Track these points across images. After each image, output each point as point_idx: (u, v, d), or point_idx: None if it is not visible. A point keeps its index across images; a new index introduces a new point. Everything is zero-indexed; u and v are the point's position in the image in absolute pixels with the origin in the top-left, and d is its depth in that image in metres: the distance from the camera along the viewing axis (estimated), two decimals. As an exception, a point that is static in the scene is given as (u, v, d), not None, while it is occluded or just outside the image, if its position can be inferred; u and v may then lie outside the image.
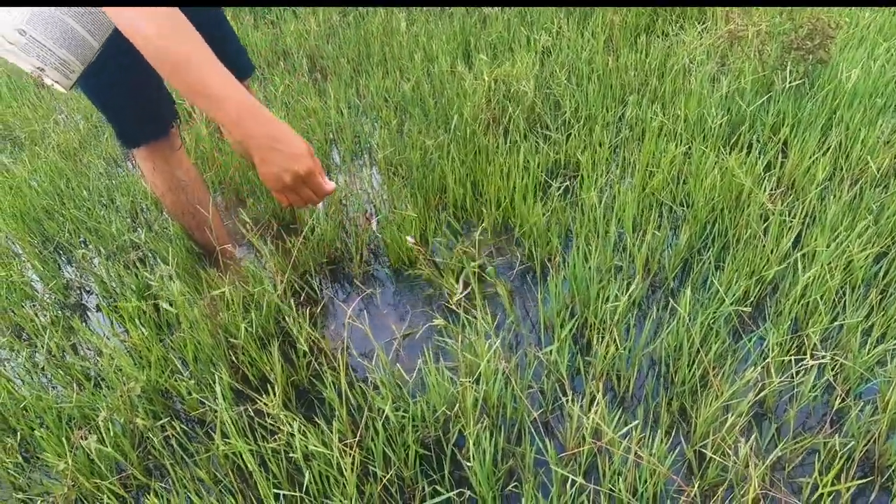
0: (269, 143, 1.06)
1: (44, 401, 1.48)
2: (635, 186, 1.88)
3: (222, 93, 1.03)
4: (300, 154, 1.09)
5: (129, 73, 1.52)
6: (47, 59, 1.14)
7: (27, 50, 1.11)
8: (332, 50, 3.01)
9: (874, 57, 2.19)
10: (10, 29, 1.08)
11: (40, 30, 1.11)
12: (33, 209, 2.21)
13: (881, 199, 1.73)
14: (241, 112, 1.04)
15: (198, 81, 1.03)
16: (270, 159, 1.07)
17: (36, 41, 1.11)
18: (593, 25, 2.76)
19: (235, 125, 1.05)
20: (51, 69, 1.16)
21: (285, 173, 1.08)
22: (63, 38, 1.15)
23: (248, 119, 1.05)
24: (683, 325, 1.43)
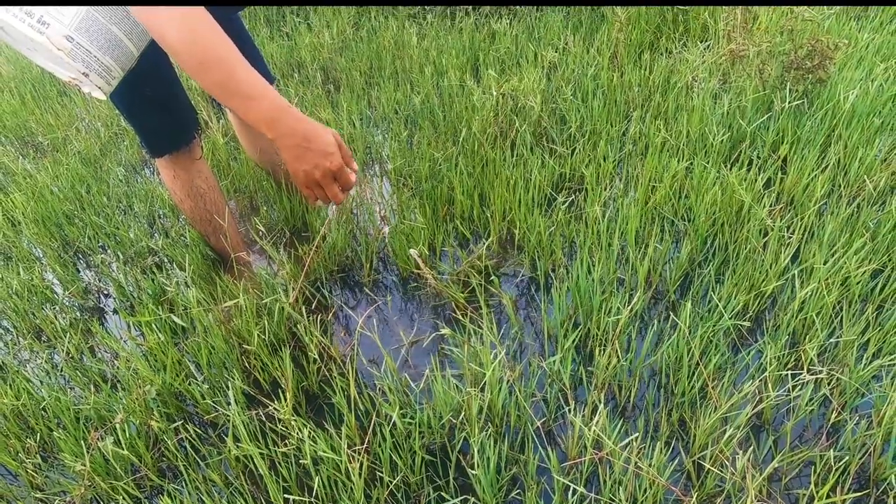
0: (301, 142, 1.10)
1: (62, 402, 1.49)
2: (638, 200, 1.88)
3: (255, 92, 1.06)
4: (331, 151, 1.12)
5: (156, 85, 1.54)
6: (91, 65, 1.16)
7: (74, 56, 1.12)
8: (345, 62, 3.02)
9: (872, 77, 2.19)
10: (58, 36, 1.09)
11: (86, 36, 1.12)
12: (54, 214, 2.23)
13: (878, 217, 1.73)
14: (274, 112, 1.07)
15: (231, 82, 1.05)
16: (303, 157, 1.11)
17: (82, 47, 1.12)
18: (599, 42, 2.77)
19: (269, 125, 1.07)
20: (94, 75, 1.17)
21: (316, 170, 1.12)
22: (107, 44, 1.16)
23: (281, 118, 1.08)
24: (683, 337, 1.43)
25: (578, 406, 1.41)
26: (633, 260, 1.70)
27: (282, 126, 1.08)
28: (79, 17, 1.10)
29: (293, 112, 1.10)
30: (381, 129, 2.60)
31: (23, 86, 3.30)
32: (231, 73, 1.05)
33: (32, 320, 1.86)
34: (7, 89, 3.28)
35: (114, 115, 2.92)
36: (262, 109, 1.06)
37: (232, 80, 1.05)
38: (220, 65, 1.04)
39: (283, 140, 1.09)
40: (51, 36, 1.10)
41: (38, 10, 1.08)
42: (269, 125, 1.08)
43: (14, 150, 2.78)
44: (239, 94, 1.06)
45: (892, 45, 2.43)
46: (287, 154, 1.11)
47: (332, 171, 1.13)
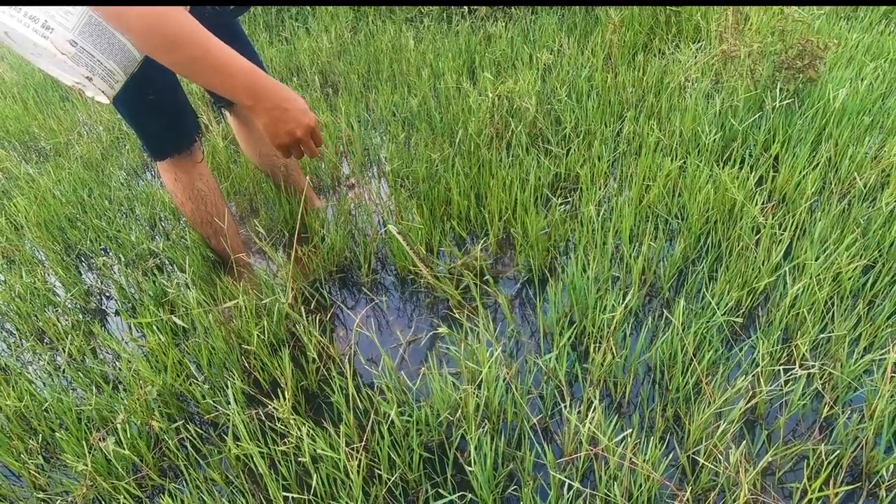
0: (280, 104, 1.16)
1: (64, 403, 1.48)
2: (632, 199, 1.88)
3: (231, 64, 1.10)
4: (306, 109, 1.21)
5: (158, 89, 1.54)
6: (95, 69, 1.15)
7: (77, 60, 1.12)
8: (343, 66, 3.01)
9: (861, 76, 2.18)
10: (62, 40, 1.09)
11: (90, 41, 1.12)
12: (57, 218, 2.22)
13: (868, 213, 1.72)
14: (252, 80, 1.12)
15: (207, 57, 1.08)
16: (283, 118, 1.17)
17: (85, 51, 1.12)
18: (593, 44, 2.76)
19: (248, 93, 1.13)
20: (98, 79, 1.17)
21: (297, 128, 1.19)
22: (110, 48, 1.15)
23: (259, 85, 1.13)
24: (677, 334, 1.42)
25: (574, 402, 1.40)
26: (627, 258, 1.69)
27: (261, 92, 1.13)
28: (82, 22, 1.10)
29: (268, 79, 1.15)
30: (378, 132, 2.59)
31: (26, 91, 3.30)
32: (205, 48, 1.07)
33: (35, 322, 1.85)
34: (10, 95, 3.27)
35: (115, 120, 2.91)
36: (240, 80, 1.11)
37: (208, 54, 1.07)
38: (192, 41, 1.06)
39: (263, 104, 1.15)
40: (55, 40, 1.09)
41: (42, 15, 1.08)
42: (248, 94, 1.12)
43: (17, 154, 2.77)
44: (214, 69, 1.09)
45: (881, 44, 2.42)
46: (267, 118, 1.17)
47: (310, 126, 1.20)
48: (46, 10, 1.09)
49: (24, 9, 1.08)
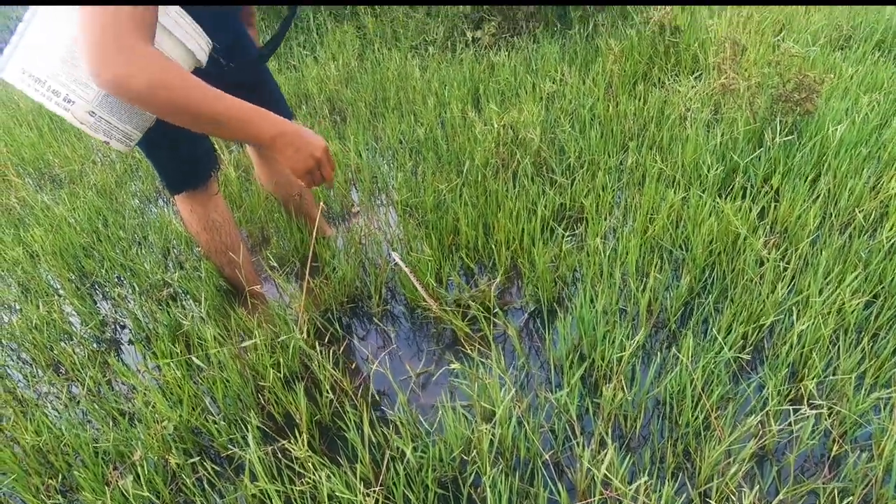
0: (296, 140, 1.21)
1: (81, 438, 1.46)
2: (637, 231, 1.86)
3: (242, 116, 1.13)
4: (318, 140, 1.25)
5: (175, 129, 1.53)
6: (112, 134, 1.20)
7: (96, 128, 1.17)
8: (350, 94, 3.01)
9: (857, 109, 2.18)
10: (82, 112, 1.13)
11: (107, 110, 1.16)
12: (72, 246, 2.20)
13: (870, 246, 1.71)
14: (266, 123, 1.16)
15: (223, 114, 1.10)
16: (302, 149, 1.22)
17: (103, 119, 1.16)
18: (594, 73, 2.76)
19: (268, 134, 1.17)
20: (115, 141, 1.23)
21: (316, 150, 1.24)
22: (127, 115, 1.20)
23: (275, 126, 1.17)
24: (686, 369, 1.41)
25: (585, 437, 1.39)
26: (634, 291, 1.68)
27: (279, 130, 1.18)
28: (101, 94, 1.14)
29: (278, 119, 1.18)
30: (386, 160, 2.58)
31: (41, 118, 3.29)
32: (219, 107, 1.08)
33: (50, 353, 1.83)
34: (25, 122, 3.27)
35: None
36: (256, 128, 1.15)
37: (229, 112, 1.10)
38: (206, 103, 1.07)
39: (283, 140, 1.19)
40: (75, 112, 1.14)
41: (63, 90, 1.11)
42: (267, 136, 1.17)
43: (32, 181, 2.76)
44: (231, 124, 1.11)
45: (874, 75, 2.43)
46: (287, 153, 1.21)
47: (326, 149, 1.26)
48: (67, 84, 1.12)
49: (48, 83, 1.12)
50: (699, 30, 2.81)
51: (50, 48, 1.11)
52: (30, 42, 1.12)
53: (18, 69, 1.12)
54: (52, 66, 1.11)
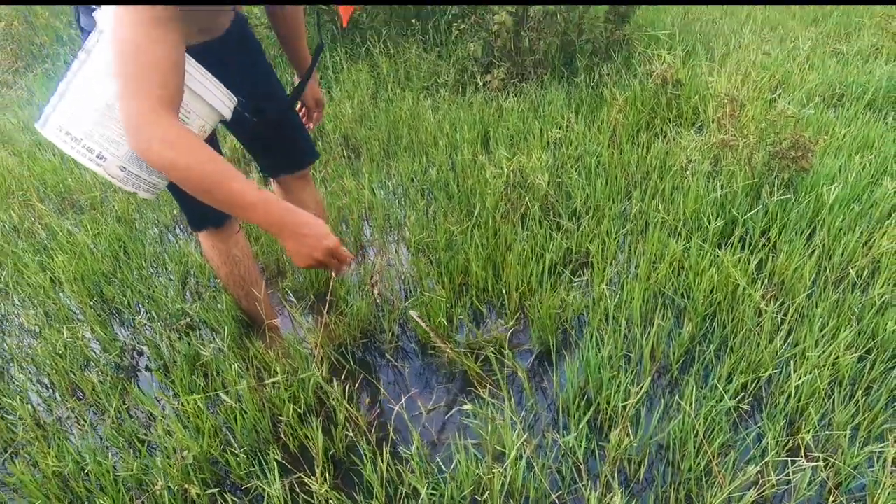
0: (299, 230, 1.18)
1: (102, 465, 1.48)
2: (641, 278, 1.92)
3: (249, 202, 1.14)
4: (326, 233, 1.22)
5: None
6: (140, 185, 1.27)
7: (126, 181, 1.24)
8: (364, 132, 3.09)
9: (850, 167, 2.26)
10: (114, 167, 1.20)
11: (136, 165, 1.23)
12: (93, 273, 2.24)
13: (862, 302, 1.77)
14: (270, 212, 1.16)
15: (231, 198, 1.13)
16: (303, 241, 1.19)
17: (133, 174, 1.23)
18: (599, 121, 2.85)
19: (269, 224, 1.17)
20: (143, 192, 1.29)
21: (316, 251, 1.20)
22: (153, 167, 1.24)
23: (277, 217, 1.17)
24: (688, 417, 1.45)
25: (591, 479, 1.42)
26: (638, 337, 1.73)
27: (282, 223, 1.17)
28: (131, 151, 1.21)
29: (286, 208, 1.18)
30: (398, 198, 2.65)
31: (62, 144, 3.35)
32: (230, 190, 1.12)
33: (70, 379, 1.86)
34: (48, 148, 3.33)
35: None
36: (261, 214, 1.15)
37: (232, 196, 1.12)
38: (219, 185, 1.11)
39: (284, 233, 1.18)
40: (107, 168, 1.22)
41: (97, 147, 1.19)
42: (270, 225, 1.17)
43: (54, 207, 2.81)
44: (239, 206, 1.13)
45: (866, 134, 2.51)
46: (290, 243, 1.20)
47: (330, 248, 1.21)
48: (100, 143, 1.19)
49: (83, 141, 1.19)
50: (700, 84, 2.91)
51: (86, 109, 1.20)
52: (68, 103, 1.21)
53: (56, 127, 1.20)
54: (87, 125, 1.19)
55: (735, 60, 3.27)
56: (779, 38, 3.75)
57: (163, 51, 1.06)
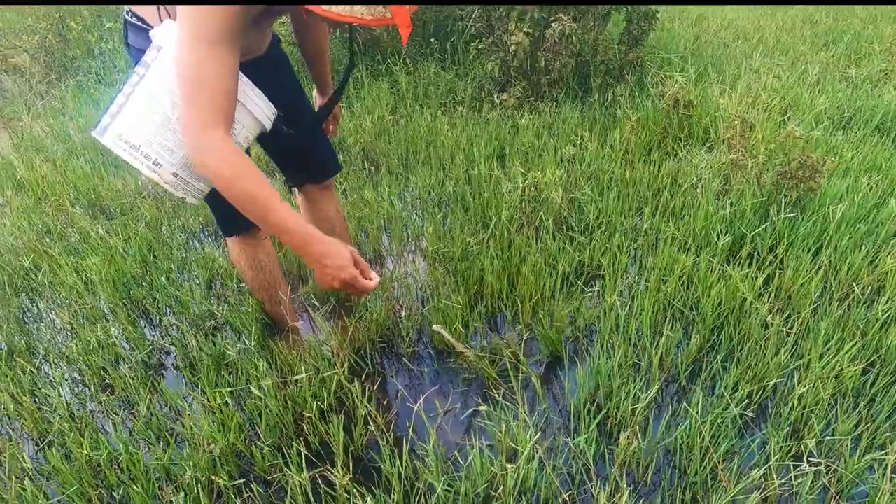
0: (320, 260, 1.30)
1: (133, 456, 1.55)
2: (651, 291, 1.98)
3: (286, 226, 1.26)
4: (344, 266, 1.32)
5: None
6: (189, 191, 1.36)
7: (176, 186, 1.34)
8: (383, 146, 3.17)
9: (857, 188, 2.31)
10: (167, 173, 1.30)
11: (187, 172, 1.33)
12: (124, 276, 2.33)
13: (867, 317, 1.81)
14: (299, 238, 1.28)
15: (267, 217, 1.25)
16: (323, 270, 1.31)
17: (183, 179, 1.33)
18: (612, 139, 2.91)
19: (296, 248, 1.29)
20: (190, 197, 1.38)
21: (334, 281, 1.32)
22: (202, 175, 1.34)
23: (304, 243, 1.28)
24: (695, 423, 1.50)
25: (601, 480, 1.47)
26: (647, 347, 1.78)
27: (307, 249, 1.28)
28: (184, 158, 1.32)
29: (314, 236, 1.29)
30: (416, 210, 2.72)
31: (93, 152, 3.46)
32: (267, 210, 1.24)
33: (102, 375, 1.93)
34: (80, 154, 3.44)
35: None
36: (294, 239, 1.27)
37: (269, 215, 1.24)
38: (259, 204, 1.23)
39: (308, 259, 1.30)
40: (162, 174, 1.33)
41: (154, 155, 1.30)
42: (298, 249, 1.29)
43: (85, 212, 2.90)
44: (274, 225, 1.26)
45: (873, 157, 2.56)
46: (313, 267, 1.32)
47: (346, 280, 1.31)
48: (157, 150, 1.31)
49: (141, 149, 1.30)
50: (711, 106, 2.98)
51: (146, 121, 1.30)
52: (128, 114, 1.31)
53: (116, 135, 1.31)
54: (146, 135, 1.31)
55: (746, 83, 3.33)
56: (790, 62, 3.81)
57: (219, 70, 1.16)
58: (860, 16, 4.50)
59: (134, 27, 1.46)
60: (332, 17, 1.09)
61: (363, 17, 1.11)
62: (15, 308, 2.27)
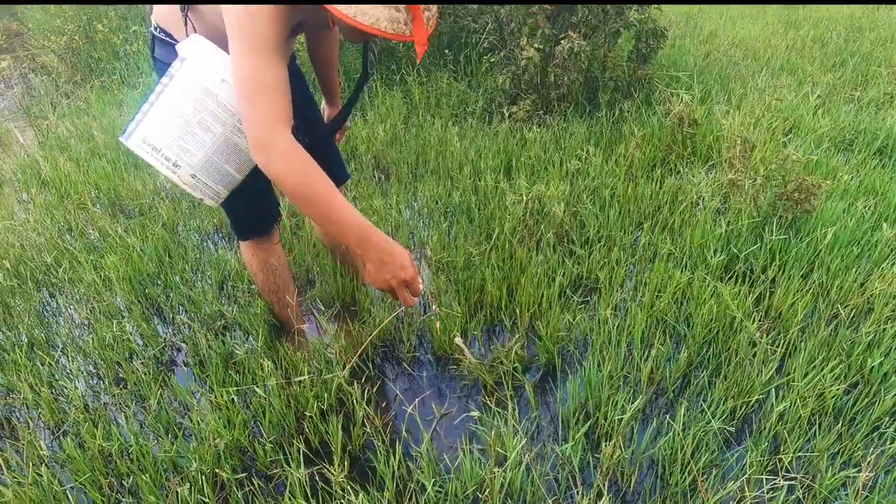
0: (383, 256, 1.30)
1: (143, 447, 1.63)
2: (644, 305, 2.03)
3: (348, 221, 1.28)
4: (406, 265, 1.33)
5: (250, 184, 1.75)
6: (206, 192, 1.44)
7: (195, 188, 1.41)
8: (394, 154, 3.25)
9: (853, 211, 2.35)
10: (186, 175, 1.38)
11: (205, 174, 1.40)
12: (140, 274, 2.42)
13: (853, 338, 1.86)
14: (361, 235, 1.29)
15: (331, 214, 1.27)
16: (383, 268, 1.31)
17: (201, 181, 1.40)
18: (617, 155, 2.97)
19: (358, 244, 1.29)
20: (207, 198, 1.46)
21: (393, 279, 1.32)
22: (220, 177, 1.45)
23: (369, 239, 1.29)
24: (678, 435, 1.55)
25: (585, 487, 1.53)
26: (638, 360, 1.84)
27: (369, 245, 1.29)
28: (202, 161, 1.40)
29: (377, 232, 1.30)
30: (423, 218, 2.79)
31: (115, 153, 3.57)
32: (330, 207, 1.26)
33: (117, 370, 2.02)
34: (103, 156, 3.54)
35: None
36: (354, 234, 1.28)
37: (331, 212, 1.26)
38: (322, 200, 1.26)
39: (369, 255, 1.30)
40: (181, 175, 1.41)
41: (173, 156, 1.38)
42: (358, 244, 1.29)
43: (105, 211, 3.00)
44: (336, 222, 1.28)
45: (871, 180, 2.60)
46: (371, 265, 1.31)
47: (405, 280, 1.32)
48: (177, 153, 1.38)
49: (162, 151, 1.39)
50: (714, 125, 3.02)
51: (168, 125, 1.39)
52: (152, 119, 1.39)
53: (140, 139, 1.40)
54: (167, 138, 1.39)
55: (751, 103, 3.38)
56: (797, 83, 3.84)
57: (274, 75, 1.23)
58: (870, 38, 4.52)
59: (161, 42, 1.55)
60: (357, 26, 1.14)
61: (385, 31, 1.16)
62: (35, 302, 2.36)
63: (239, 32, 1.21)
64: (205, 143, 1.41)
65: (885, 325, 1.88)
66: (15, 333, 2.20)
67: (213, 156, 1.42)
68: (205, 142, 1.40)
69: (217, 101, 1.38)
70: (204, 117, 1.38)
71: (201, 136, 1.40)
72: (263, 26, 1.20)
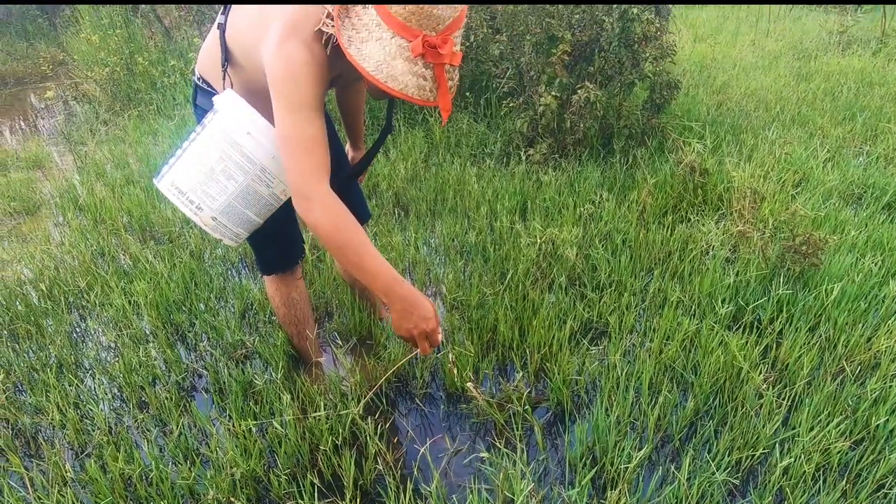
0: (408, 307, 1.36)
1: (162, 472, 1.65)
2: (653, 352, 2.03)
3: (378, 271, 1.35)
4: (429, 317, 1.38)
5: (275, 223, 1.79)
6: (226, 234, 1.50)
7: (215, 230, 1.47)
8: (414, 192, 3.30)
9: (860, 267, 2.34)
10: (207, 217, 1.44)
11: (226, 217, 1.47)
12: (166, 300, 2.47)
13: (859, 394, 1.84)
14: (389, 285, 1.35)
15: (363, 264, 1.34)
16: (407, 318, 1.37)
17: (221, 223, 1.47)
18: (629, 201, 3.00)
19: (385, 294, 1.36)
20: (227, 239, 1.53)
21: (415, 329, 1.38)
22: (240, 221, 1.51)
23: (395, 290, 1.35)
24: (682, 486, 1.54)
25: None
26: (645, 407, 1.83)
27: (395, 295, 1.36)
28: (223, 206, 1.47)
29: (403, 284, 1.37)
30: (439, 256, 2.82)
31: (147, 180, 3.66)
32: (362, 256, 1.33)
33: (141, 394, 2.05)
34: (137, 184, 3.64)
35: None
36: (382, 283, 1.35)
37: (362, 261, 1.34)
38: (355, 250, 1.33)
39: (394, 304, 1.36)
40: (202, 217, 1.48)
41: (197, 199, 1.45)
42: (385, 294, 1.35)
43: (136, 238, 3.08)
44: (365, 271, 1.34)
45: (880, 235, 2.59)
46: (395, 314, 1.37)
47: (426, 331, 1.38)
48: (200, 196, 1.45)
49: (187, 194, 1.46)
50: (725, 176, 3.04)
51: (195, 171, 1.47)
52: (182, 163, 1.47)
53: (170, 182, 1.49)
54: (192, 183, 1.47)
55: (761, 154, 3.40)
56: (808, 135, 3.86)
57: (313, 130, 1.30)
58: (880, 93, 4.54)
59: (202, 90, 1.62)
60: (388, 91, 1.22)
61: (413, 97, 1.24)
62: (66, 325, 2.42)
63: (282, 92, 1.28)
64: (227, 190, 1.48)
65: (891, 382, 1.86)
66: (45, 354, 2.25)
67: (234, 201, 1.49)
68: (227, 188, 1.47)
69: (241, 152, 1.45)
70: (228, 166, 1.45)
71: (224, 183, 1.47)
72: (306, 86, 1.27)
